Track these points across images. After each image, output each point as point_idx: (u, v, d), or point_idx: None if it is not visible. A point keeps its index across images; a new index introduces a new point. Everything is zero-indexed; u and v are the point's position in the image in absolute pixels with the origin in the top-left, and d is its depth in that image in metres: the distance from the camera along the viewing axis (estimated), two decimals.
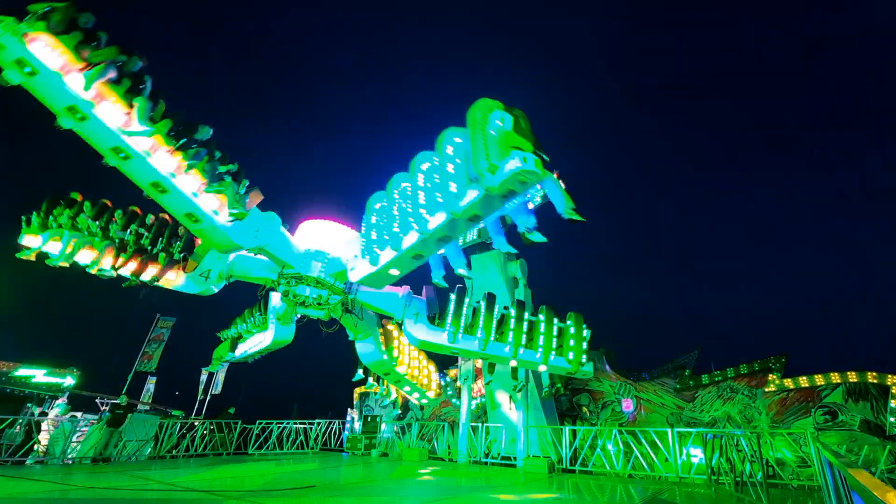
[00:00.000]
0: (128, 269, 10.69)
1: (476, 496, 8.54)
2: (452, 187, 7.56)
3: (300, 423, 18.36)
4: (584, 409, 18.25)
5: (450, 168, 7.65)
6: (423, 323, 11.87)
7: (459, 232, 8.55)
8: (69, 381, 21.77)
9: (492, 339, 11.45)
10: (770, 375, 15.44)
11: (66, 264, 10.52)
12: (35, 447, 12.73)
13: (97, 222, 10.72)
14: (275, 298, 13.45)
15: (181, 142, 8.20)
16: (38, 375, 20.86)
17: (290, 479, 9.69)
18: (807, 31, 58.73)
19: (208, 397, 29.41)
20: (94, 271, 10.63)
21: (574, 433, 13.41)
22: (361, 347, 14.19)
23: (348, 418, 21.87)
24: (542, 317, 12.06)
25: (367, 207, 9.95)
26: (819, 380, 14.51)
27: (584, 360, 11.68)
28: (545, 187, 7.50)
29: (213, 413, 25.57)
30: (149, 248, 10.93)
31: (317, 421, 18.98)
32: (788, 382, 15.08)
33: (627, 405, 17.49)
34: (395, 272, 9.98)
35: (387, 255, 9.45)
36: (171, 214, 9.18)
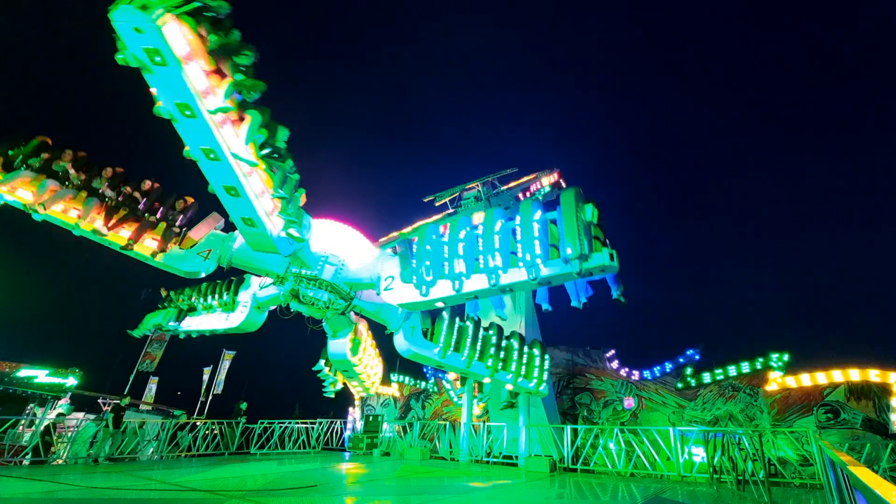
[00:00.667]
0: (122, 235, 9.63)
1: (477, 495, 8.54)
2: (538, 259, 8.48)
3: (302, 423, 18.39)
4: (586, 408, 18.24)
5: (537, 246, 8.61)
6: (418, 337, 12.43)
7: (527, 287, 9.49)
8: (71, 381, 21.74)
9: (475, 358, 12.86)
10: (772, 374, 15.42)
11: (43, 211, 9.14)
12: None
13: (80, 174, 9.49)
14: (254, 284, 12.89)
15: (267, 150, 7.87)
16: (41, 376, 20.83)
17: (292, 479, 9.71)
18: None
19: (210, 397, 29.52)
20: (83, 225, 9.40)
21: (575, 432, 13.41)
22: (334, 346, 14.12)
23: (350, 418, 21.90)
24: (514, 342, 13.79)
25: (420, 238, 10.18)
26: (821, 378, 14.48)
27: (543, 384, 14.20)
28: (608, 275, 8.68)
29: (215, 413, 25.63)
30: (145, 216, 9.94)
31: (318, 420, 19.02)
32: (790, 381, 15.05)
33: (629, 404, 17.50)
34: (441, 305, 10.58)
35: (440, 290, 9.67)
36: (229, 214, 8.86)
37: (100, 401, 24.98)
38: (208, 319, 13.55)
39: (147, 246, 9.98)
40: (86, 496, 7.28)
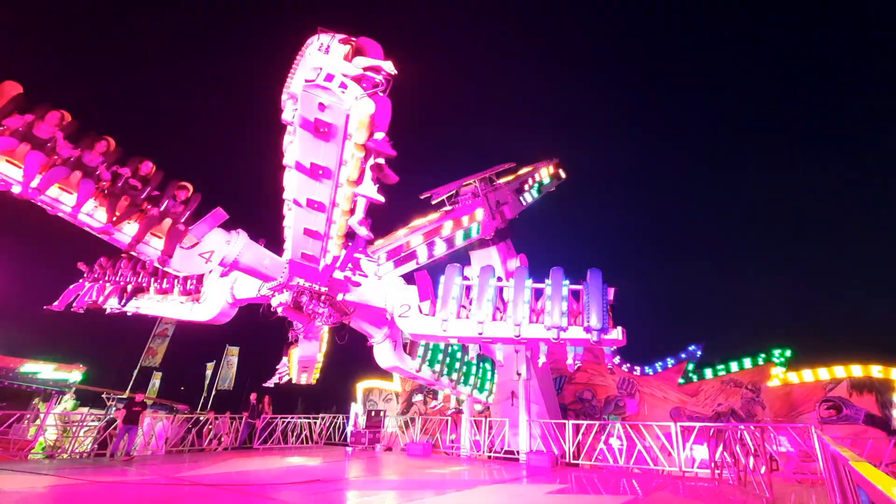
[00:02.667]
0: (129, 231, 8.07)
1: (479, 490, 8.58)
2: (562, 323, 9.54)
3: (304, 418, 18.47)
4: (588, 403, 18.28)
5: (563, 314, 9.65)
6: (399, 351, 13.08)
7: (544, 341, 10.24)
8: (76, 376, 21.89)
9: (443, 374, 14.43)
10: (774, 369, 15.41)
11: (39, 196, 7.20)
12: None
13: (71, 146, 7.47)
14: (232, 277, 11.43)
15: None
16: (45, 371, 20.99)
17: (295, 473, 9.77)
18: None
19: (213, 392, 29.73)
20: (80, 217, 7.63)
21: (577, 427, 13.43)
22: (307, 347, 14.01)
23: (352, 413, 22.00)
24: (474, 359, 15.26)
25: (446, 278, 10.66)
26: (823, 374, 14.46)
27: (492, 395, 16.03)
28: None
29: (218, 408, 25.73)
30: (146, 207, 8.25)
31: (321, 415, 19.11)
32: (792, 376, 15.04)
33: (631, 405, 17.51)
34: (454, 340, 11.21)
35: (462, 329, 10.23)
36: (292, 246, 9.08)
37: (104, 396, 25.16)
38: (164, 306, 12.27)
39: (153, 247, 8.52)
40: (90, 490, 7.33)
